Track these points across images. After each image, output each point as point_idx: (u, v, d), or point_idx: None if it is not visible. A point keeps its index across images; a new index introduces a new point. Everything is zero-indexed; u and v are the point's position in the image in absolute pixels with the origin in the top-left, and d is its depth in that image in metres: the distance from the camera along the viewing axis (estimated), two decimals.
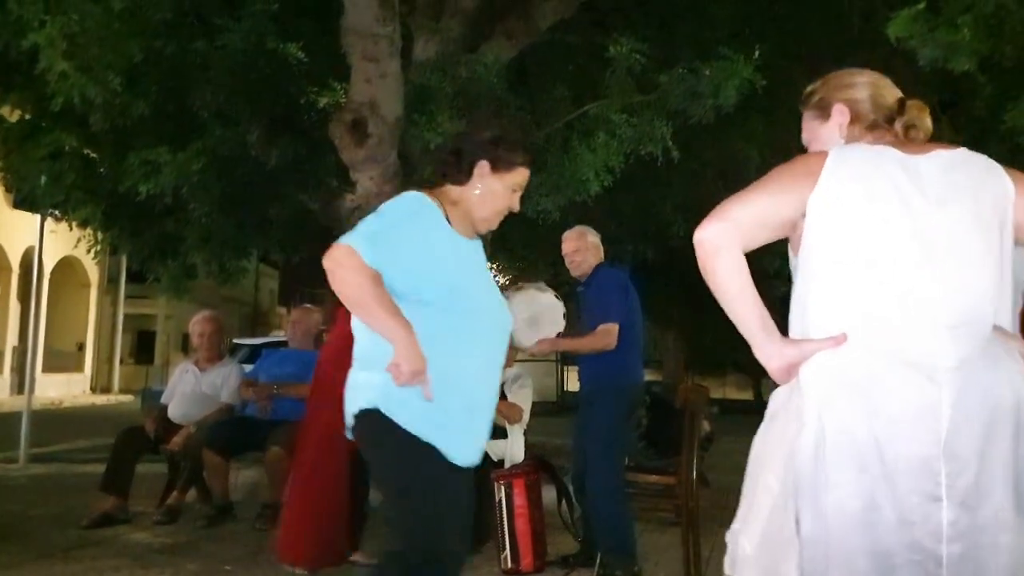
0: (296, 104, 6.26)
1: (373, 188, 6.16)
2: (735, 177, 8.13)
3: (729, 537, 1.78)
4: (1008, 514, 1.55)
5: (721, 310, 1.75)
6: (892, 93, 1.90)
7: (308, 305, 6.64)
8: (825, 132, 1.92)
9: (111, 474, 5.31)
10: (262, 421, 5.32)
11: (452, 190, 2.41)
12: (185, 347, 23.29)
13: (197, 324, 5.92)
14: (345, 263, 2.14)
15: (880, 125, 1.86)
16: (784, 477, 1.64)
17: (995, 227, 1.66)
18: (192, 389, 5.73)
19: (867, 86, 1.90)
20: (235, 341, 11.80)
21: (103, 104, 5.68)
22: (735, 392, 26.18)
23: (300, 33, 6.70)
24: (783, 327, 1.75)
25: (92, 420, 14.31)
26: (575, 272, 4.46)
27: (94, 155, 7.82)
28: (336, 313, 4.20)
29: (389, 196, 6.07)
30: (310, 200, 7.01)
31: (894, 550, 1.54)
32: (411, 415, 2.20)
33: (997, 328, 1.63)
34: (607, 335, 4.16)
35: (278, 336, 14.40)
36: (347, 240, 2.17)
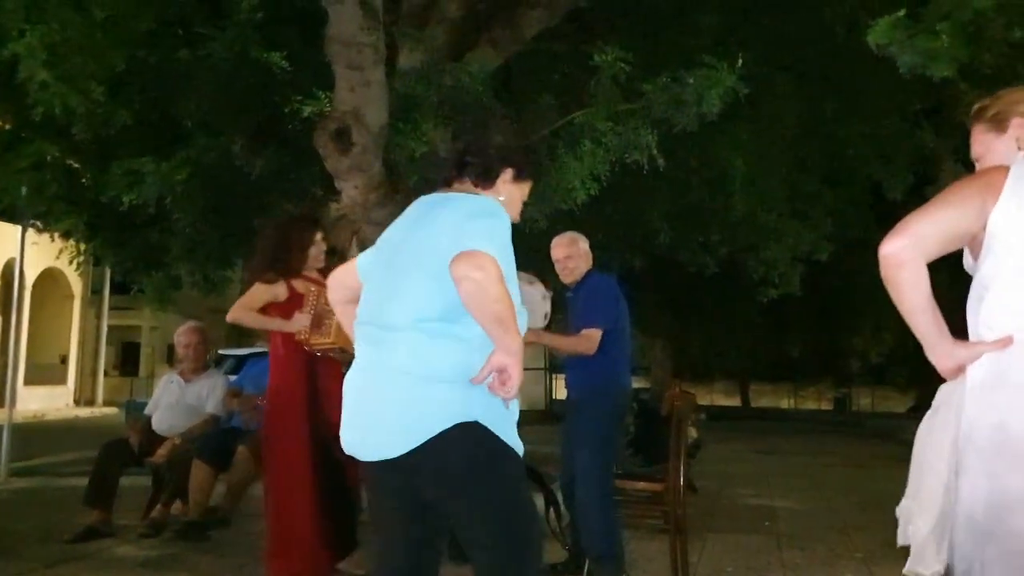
0: (280, 113, 6.24)
1: (358, 197, 6.14)
2: (720, 185, 8.19)
3: (899, 513, 1.95)
4: None
5: (706, 317, 1.83)
6: None
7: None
8: (1002, 145, 2.01)
9: (94, 487, 5.26)
10: (247, 432, 5.29)
11: (467, 192, 2.39)
12: (170, 358, 23.12)
13: (182, 335, 5.89)
14: (496, 275, 2.04)
15: None
16: (949, 461, 1.79)
17: None
18: (177, 400, 5.69)
19: None
20: (220, 352, 11.72)
21: (85, 114, 5.66)
22: (723, 399, 26.28)
23: (284, 42, 6.70)
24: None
25: (75, 433, 14.19)
26: (567, 278, 4.45)
27: (76, 165, 7.78)
28: (274, 334, 4.21)
29: (374, 205, 6.16)
30: (295, 209, 6.98)
31: None
32: (502, 427, 2.17)
33: None
34: (589, 340, 4.16)
35: (263, 347, 14.31)
36: (485, 248, 2.06)
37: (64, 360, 24.15)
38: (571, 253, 4.43)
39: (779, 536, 5.62)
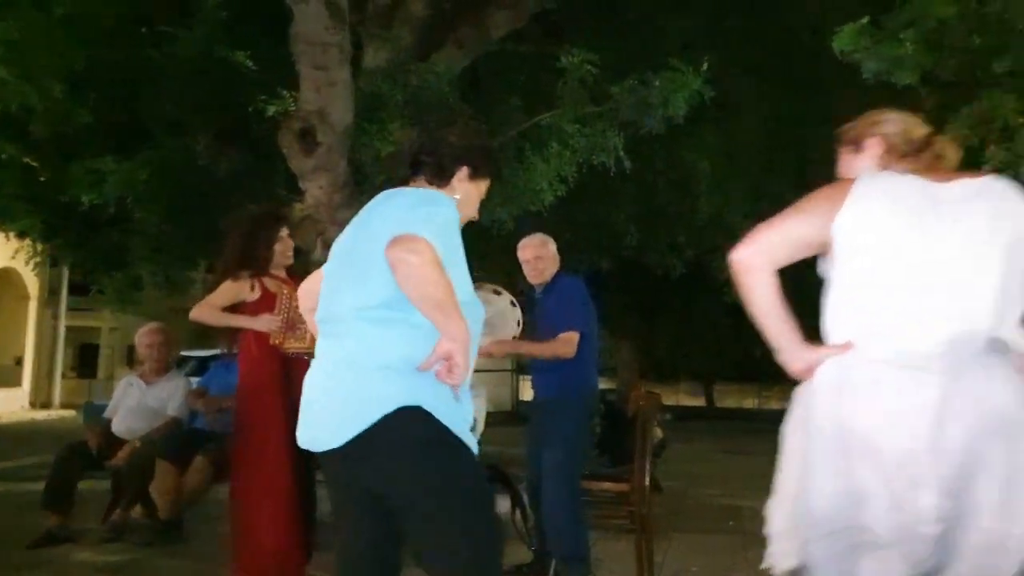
0: (245, 113, 6.18)
1: (323, 197, 6.10)
2: (686, 187, 8.25)
3: (767, 513, 2.06)
4: (993, 502, 1.73)
5: (672, 318, 1.90)
6: (920, 130, 2.10)
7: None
8: (860, 164, 2.11)
9: (52, 491, 5.16)
10: (211, 434, 5.23)
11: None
12: (130, 360, 22.81)
13: (145, 335, 5.80)
14: (430, 258, 2.03)
15: (910, 155, 2.06)
16: (801, 460, 1.91)
17: (1007, 250, 1.81)
18: (138, 403, 5.61)
19: (899, 122, 2.12)
20: (182, 353, 11.57)
21: (44, 112, 5.56)
22: (688, 399, 26.45)
23: (249, 41, 6.63)
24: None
25: (32, 436, 13.95)
26: (536, 280, 4.45)
27: (35, 164, 7.64)
28: (238, 338, 4.16)
29: (339, 205, 6.13)
30: (258, 210, 6.92)
31: (884, 532, 1.75)
32: (448, 415, 2.12)
33: (997, 340, 1.80)
34: (568, 343, 4.17)
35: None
36: (421, 232, 2.05)
37: (19, 362, 23.69)
38: (541, 254, 4.43)
39: (744, 535, 5.64)
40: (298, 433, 2.26)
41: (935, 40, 4.99)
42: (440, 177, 2.39)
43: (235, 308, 4.13)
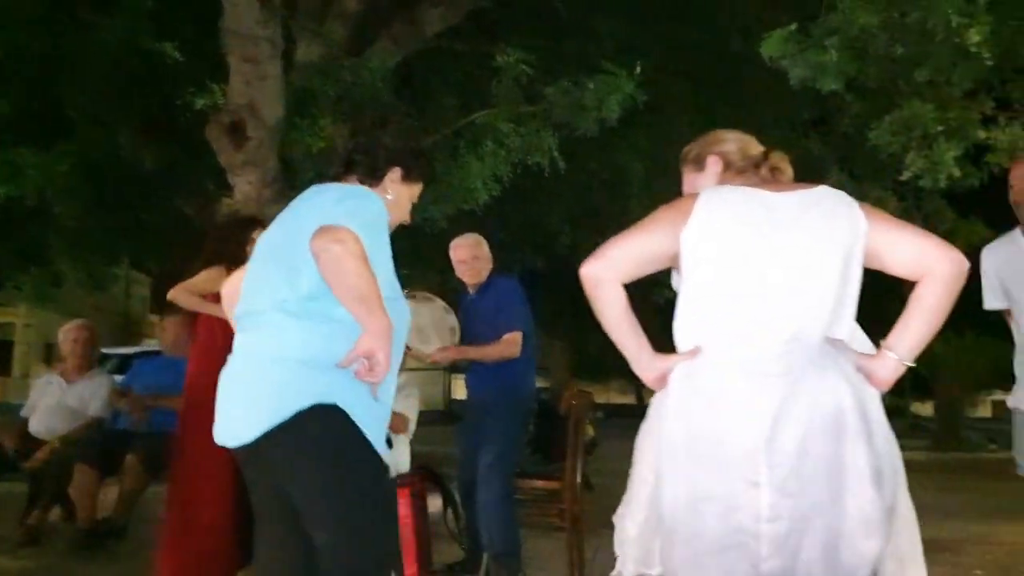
0: (171, 105, 6.05)
1: (252, 192, 6.00)
2: (620, 189, 8.34)
3: (616, 519, 2.10)
4: (826, 499, 1.78)
5: None
6: (757, 146, 2.22)
7: (185, 312, 6.40)
8: (702, 181, 2.21)
9: None
10: (135, 433, 5.08)
11: None
12: (48, 357, 22.07)
13: (70, 331, 5.62)
14: (354, 249, 1.99)
15: (748, 170, 2.17)
16: (654, 467, 1.95)
17: (842, 255, 1.89)
18: (57, 401, 5.42)
19: (736, 141, 2.23)
20: (103, 351, 11.24)
21: None
22: (618, 397, 26.74)
23: (176, 32, 6.48)
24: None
25: None
26: (472, 280, 4.43)
27: None
28: (197, 325, 4.06)
29: (269, 201, 6.04)
30: (186, 205, 6.78)
31: (724, 532, 1.80)
32: (364, 415, 2.09)
33: (834, 341, 1.89)
34: (513, 344, 4.19)
35: (151, 345, 13.82)
36: (347, 224, 2.01)
37: None
38: (478, 254, 4.42)
39: None
40: (214, 429, 2.21)
41: (859, 48, 5.14)
42: (372, 177, 2.37)
43: (205, 298, 4.05)
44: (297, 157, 6.08)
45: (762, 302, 1.88)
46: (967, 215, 8.89)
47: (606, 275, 1.98)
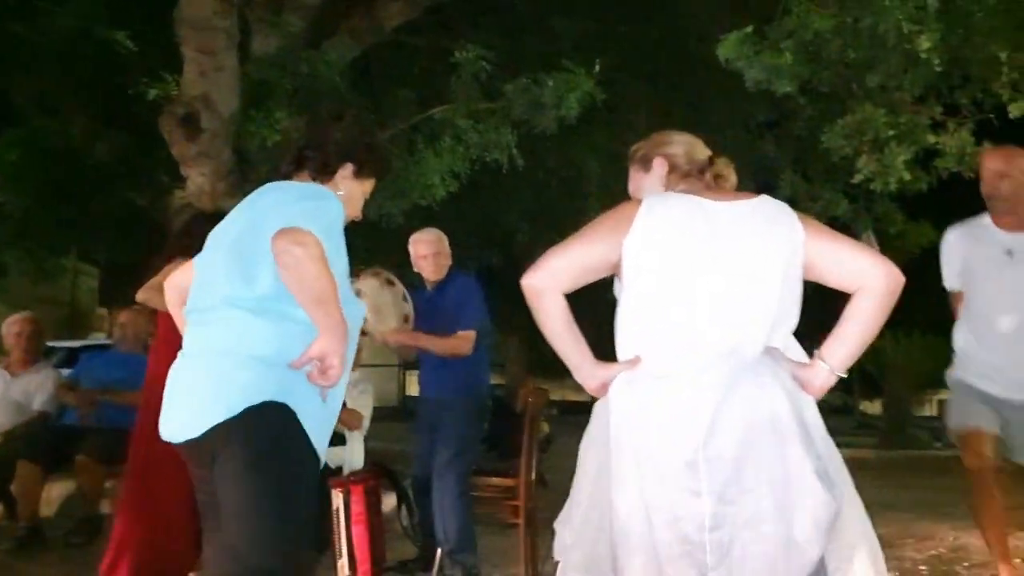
0: (125, 95, 5.93)
1: (206, 185, 5.92)
2: (577, 187, 8.36)
3: (556, 526, 2.13)
4: (769, 506, 1.81)
5: None
6: (704, 151, 2.22)
7: (138, 306, 6.29)
8: (647, 182, 2.23)
9: None
10: (82, 429, 4.98)
11: None
12: None
13: (14, 324, 5.49)
14: (315, 253, 1.99)
15: (693, 175, 2.18)
16: (595, 477, 2.00)
17: (780, 265, 1.91)
18: (1, 396, 5.30)
19: (683, 144, 2.23)
20: (49, 344, 10.99)
21: None
22: (573, 394, 26.84)
23: (130, 21, 6.36)
24: None
25: None
26: (433, 276, 4.41)
27: None
28: (159, 320, 3.99)
29: (223, 194, 5.96)
30: (138, 196, 6.66)
31: (669, 542, 1.83)
32: (308, 415, 2.09)
33: (773, 350, 1.92)
34: (467, 341, 4.20)
35: (99, 339, 13.57)
36: (308, 227, 2.01)
37: None
38: (439, 250, 4.41)
39: None
40: (160, 426, 2.18)
41: (813, 52, 5.22)
42: (323, 173, 2.36)
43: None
44: (252, 150, 6.00)
45: (702, 312, 1.91)
46: (916, 218, 9.05)
47: (547, 286, 1.99)
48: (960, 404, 3.58)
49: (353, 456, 4.89)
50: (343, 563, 4.20)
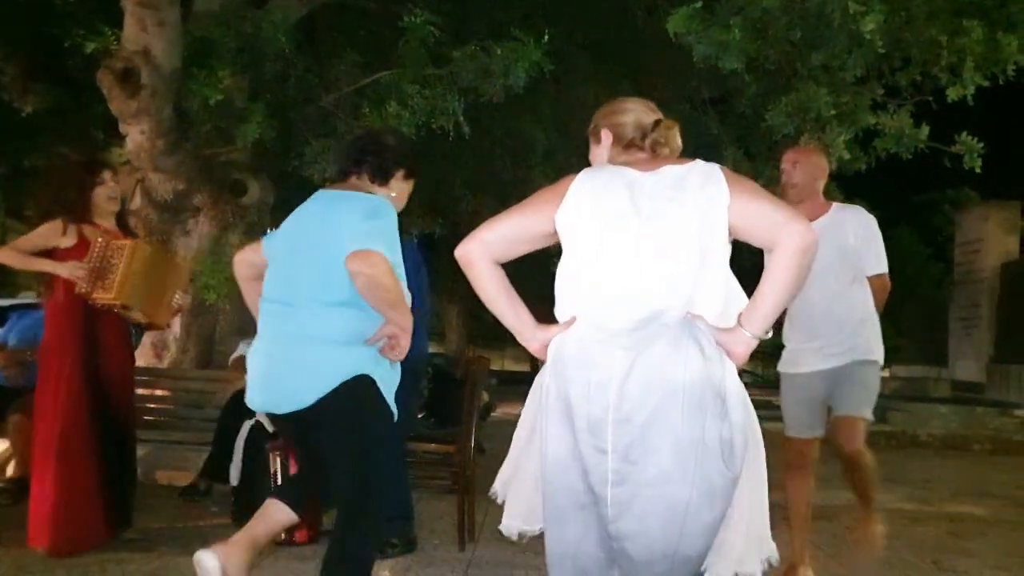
0: (59, 47, 5.74)
1: (145, 143, 5.78)
2: (522, 156, 8.36)
3: (498, 478, 2.28)
4: (671, 468, 1.87)
5: None
6: (653, 116, 2.25)
7: None
8: (597, 153, 2.29)
9: None
10: (14, 390, 4.87)
11: (364, 188, 2.85)
12: None
13: None
14: (384, 269, 2.59)
15: (635, 144, 2.22)
16: (530, 430, 2.13)
17: (704, 230, 1.96)
18: None
19: (631, 112, 2.26)
20: None
21: None
22: (512, 364, 26.99)
23: None
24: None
25: None
26: None
27: None
28: (54, 282, 3.90)
29: (162, 152, 5.83)
30: (73, 152, 6.46)
31: (581, 491, 1.96)
32: (387, 382, 2.75)
33: (695, 316, 1.95)
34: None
35: (28, 297, 13.18)
36: (376, 247, 2.57)
37: None
38: None
39: None
40: (253, 397, 2.71)
41: (760, 29, 5.27)
42: (381, 176, 2.89)
43: (50, 254, 3.85)
44: (193, 108, 5.86)
45: (619, 279, 1.97)
46: (853, 197, 9.25)
47: (478, 256, 2.10)
48: (785, 407, 3.91)
49: None
50: None
